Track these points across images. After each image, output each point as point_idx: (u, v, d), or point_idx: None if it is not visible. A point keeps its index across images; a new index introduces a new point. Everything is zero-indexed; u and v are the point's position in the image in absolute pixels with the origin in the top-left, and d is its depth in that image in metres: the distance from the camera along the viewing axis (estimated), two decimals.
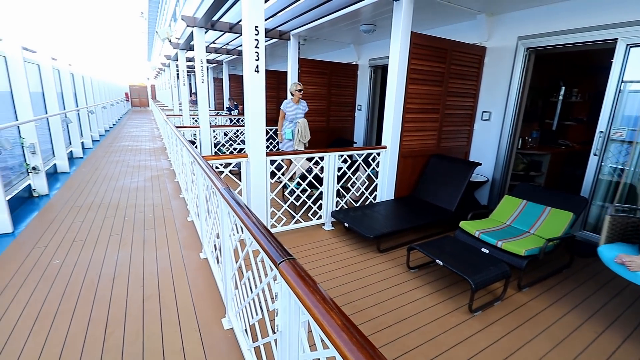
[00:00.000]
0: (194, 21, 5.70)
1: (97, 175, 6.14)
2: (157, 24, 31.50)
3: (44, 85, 6.38)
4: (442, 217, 3.68)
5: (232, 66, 12.58)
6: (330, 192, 3.76)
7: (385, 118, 3.91)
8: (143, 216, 4.11)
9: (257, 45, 2.92)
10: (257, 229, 1.39)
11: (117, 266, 2.93)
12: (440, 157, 4.28)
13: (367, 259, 3.16)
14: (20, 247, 3.26)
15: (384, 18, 4.64)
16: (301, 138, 5.24)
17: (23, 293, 2.52)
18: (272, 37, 6.04)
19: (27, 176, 4.88)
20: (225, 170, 3.35)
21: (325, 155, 3.64)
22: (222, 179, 2.18)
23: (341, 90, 6.89)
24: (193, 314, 2.32)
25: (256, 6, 2.82)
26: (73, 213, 4.17)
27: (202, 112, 6.18)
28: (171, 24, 23.93)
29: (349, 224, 3.39)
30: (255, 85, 2.97)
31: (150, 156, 8.13)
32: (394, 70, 3.68)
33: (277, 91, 8.76)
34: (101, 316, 2.28)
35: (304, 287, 1.00)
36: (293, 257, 1.16)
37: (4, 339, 2.05)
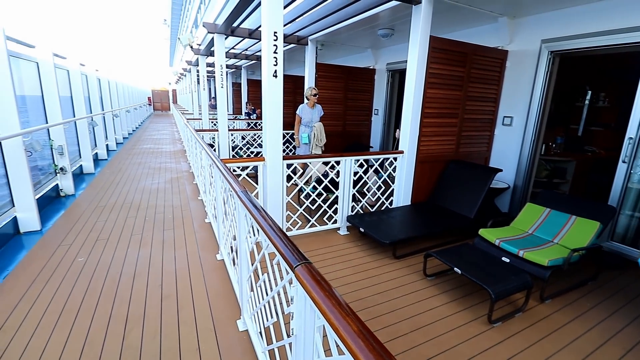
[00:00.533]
0: (215, 27, 5.85)
1: (120, 176, 6.36)
2: (179, 31, 32.52)
3: (73, 90, 6.68)
4: (461, 224, 3.59)
5: (250, 71, 12.80)
6: (346, 196, 3.74)
7: (403, 123, 3.87)
8: (163, 217, 4.22)
9: (276, 51, 2.96)
10: (274, 232, 1.40)
11: (137, 265, 3.01)
12: (459, 163, 4.20)
13: (383, 264, 3.12)
14: (47, 244, 3.40)
15: (403, 22, 4.62)
16: (317, 142, 5.27)
17: (48, 289, 2.62)
18: (290, 42, 6.11)
19: (55, 176, 5.11)
20: (243, 173, 3.40)
21: (341, 160, 3.64)
22: (240, 181, 2.21)
23: (358, 95, 6.89)
24: (209, 315, 2.35)
25: (275, 12, 2.86)
26: (97, 212, 4.33)
27: (221, 116, 6.30)
28: (192, 31, 24.66)
29: (365, 229, 3.36)
30: (273, 89, 3.01)
31: (170, 159, 8.36)
32: (412, 74, 3.65)
33: (293, 96, 8.85)
34: (121, 313, 2.34)
35: (320, 292, 1.00)
36: (309, 261, 1.16)
37: (30, 333, 2.14)
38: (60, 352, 1.98)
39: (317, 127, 5.26)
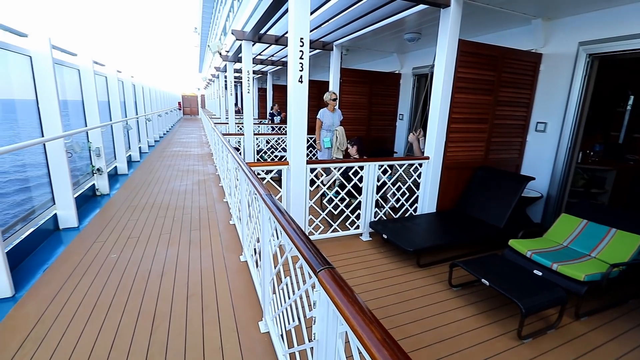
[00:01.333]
0: (243, 35, 6.02)
1: (151, 177, 6.64)
2: (208, 38, 33.70)
3: (110, 95, 7.08)
4: (489, 234, 3.46)
5: (275, 76, 13.04)
6: (369, 202, 3.71)
7: (429, 128, 3.80)
8: (190, 217, 4.36)
9: (302, 57, 3.00)
10: (298, 236, 1.41)
11: (165, 263, 3.12)
12: (488, 170, 4.05)
13: (406, 273, 3.06)
14: (83, 240, 3.61)
15: (430, 26, 4.55)
16: (339, 146, 5.26)
17: (84, 283, 2.77)
18: (315, 47, 6.18)
19: (92, 177, 5.42)
20: (267, 176, 3.46)
21: (364, 165, 3.62)
22: (264, 185, 2.25)
23: (382, 100, 6.83)
24: (232, 315, 2.39)
25: (302, 19, 2.91)
26: (129, 212, 4.54)
27: (247, 120, 6.45)
28: (221, 38, 25.47)
29: (388, 235, 3.31)
30: (298, 95, 3.05)
31: (198, 161, 8.64)
32: (440, 78, 3.58)
33: (318, 101, 8.91)
34: (150, 309, 2.43)
35: (343, 298, 0.99)
36: (332, 266, 1.16)
37: (66, 324, 2.26)
38: (92, 343, 2.09)
39: (339, 131, 5.27)
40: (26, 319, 2.30)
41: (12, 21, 9.59)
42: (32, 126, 3.93)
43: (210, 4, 29.79)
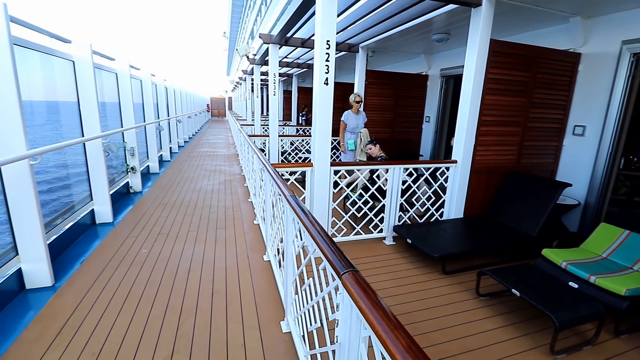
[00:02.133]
0: (270, 38, 6.13)
1: (180, 177, 6.90)
2: (236, 42, 34.58)
3: (144, 98, 7.42)
4: (520, 242, 3.30)
5: (300, 79, 13.17)
6: (393, 205, 3.65)
7: (457, 131, 3.69)
8: (216, 216, 4.48)
9: (328, 59, 3.01)
10: (321, 237, 1.41)
11: (192, 260, 3.23)
12: (520, 175, 3.88)
13: (431, 279, 2.98)
14: (117, 235, 3.80)
15: (460, 26, 4.43)
16: (363, 147, 5.22)
17: (117, 275, 2.92)
18: (341, 50, 6.18)
19: (126, 175, 5.70)
20: (291, 178, 3.49)
21: (389, 168, 3.57)
22: (288, 186, 2.27)
23: (408, 102, 6.72)
24: (255, 313, 2.43)
25: (329, 21, 2.92)
26: (160, 209, 4.74)
27: (272, 122, 6.55)
28: (249, 42, 26.00)
29: (412, 240, 3.24)
30: (323, 97, 3.06)
31: (224, 162, 8.88)
32: (469, 80, 3.47)
33: (342, 102, 8.90)
34: (177, 304, 2.52)
35: (367, 302, 0.98)
36: (356, 269, 1.15)
37: (99, 314, 2.39)
38: (123, 334, 2.19)
39: (363, 133, 5.23)
40: (64, 308, 2.45)
41: (57, 29, 10.34)
42: (71, 126, 4.20)
43: (239, 9, 30.60)
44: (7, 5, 2.45)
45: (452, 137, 3.91)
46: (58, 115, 4.66)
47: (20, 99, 2.51)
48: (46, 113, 4.97)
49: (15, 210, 2.62)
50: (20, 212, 2.62)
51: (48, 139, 5.16)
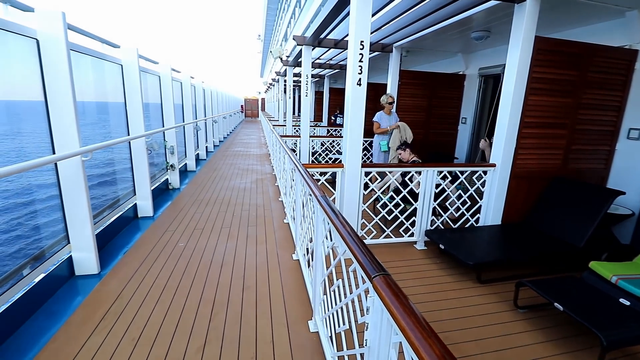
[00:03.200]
0: (303, 40, 6.19)
1: (215, 175, 7.17)
2: (270, 44, 35.31)
3: (184, 99, 7.79)
4: (565, 253, 3.08)
5: (332, 80, 13.19)
6: (426, 209, 3.55)
7: (497, 133, 3.52)
8: (248, 214, 4.61)
9: (361, 60, 2.99)
10: (352, 239, 1.40)
11: (225, 255, 3.34)
12: (566, 181, 3.62)
13: (464, 287, 2.86)
14: (157, 229, 4.02)
15: (501, 23, 4.22)
16: (408, 138, 5.06)
17: (155, 267, 3.08)
18: (374, 50, 6.12)
19: (166, 172, 6.01)
20: (322, 178, 3.50)
21: (422, 170, 3.47)
22: (319, 186, 2.28)
23: (443, 102, 6.51)
24: (283, 311, 2.46)
25: (363, 22, 2.90)
26: (196, 205, 4.95)
27: (304, 123, 6.62)
28: (282, 44, 26.45)
29: (445, 246, 3.13)
30: (356, 97, 3.04)
31: (256, 161, 9.10)
32: (511, 79, 3.30)
33: (374, 103, 8.80)
34: (210, 297, 2.62)
35: (399, 307, 0.96)
36: (388, 272, 1.14)
37: (139, 303, 2.53)
38: (161, 321, 2.31)
39: (402, 126, 5.09)
40: (108, 295, 2.63)
41: (107, 34, 11.08)
42: (118, 125, 4.49)
43: (274, 12, 31.24)
44: (65, 14, 2.67)
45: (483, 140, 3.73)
46: (107, 115, 5.01)
47: (74, 100, 2.73)
48: (96, 113, 5.38)
49: (68, 202, 2.85)
50: (72, 204, 2.85)
51: (99, 137, 5.57)
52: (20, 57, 2.73)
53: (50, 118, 2.70)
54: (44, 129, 2.77)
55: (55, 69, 2.65)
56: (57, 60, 2.64)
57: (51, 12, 2.60)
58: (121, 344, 2.10)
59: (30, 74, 2.70)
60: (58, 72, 2.65)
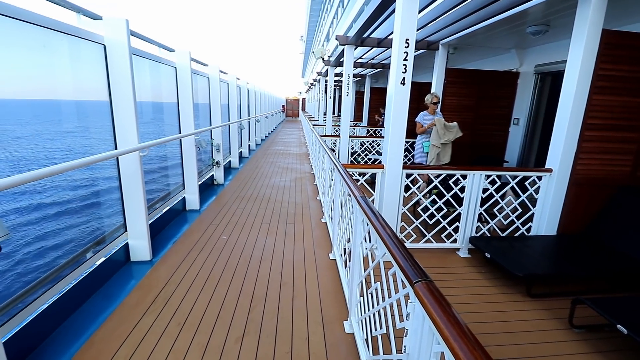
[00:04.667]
0: (346, 39, 6.18)
1: (256, 172, 7.41)
2: (312, 45, 35.66)
3: (230, 99, 8.15)
4: (634, 271, 2.75)
5: (374, 79, 13.01)
6: (471, 215, 3.37)
7: (554, 135, 3.24)
8: (287, 211, 4.70)
9: (406, 58, 2.92)
10: (393, 242, 1.37)
11: (264, 251, 3.44)
12: (636, 190, 3.23)
13: (512, 300, 2.67)
14: (202, 222, 4.24)
15: (562, 16, 3.88)
16: (457, 134, 4.80)
17: (200, 257, 3.26)
18: (419, 48, 5.93)
19: (212, 168, 6.33)
20: (361, 179, 3.47)
21: (468, 174, 3.30)
22: (358, 187, 2.26)
23: (493, 102, 6.13)
24: (319, 309, 2.48)
25: (409, 19, 2.82)
26: (238, 201, 5.16)
27: (344, 122, 6.61)
28: (324, 44, 26.59)
29: (491, 254, 2.94)
30: (399, 97, 2.98)
31: (296, 160, 9.26)
32: (573, 77, 3.02)
33: (417, 103, 8.52)
34: (249, 290, 2.71)
35: (443, 315, 0.92)
36: (430, 279, 1.09)
37: (185, 290, 2.69)
38: (204, 310, 2.43)
39: (450, 125, 4.85)
40: (158, 280, 2.83)
41: (163, 39, 11.95)
42: (168, 124, 4.81)
43: (316, 13, 31.52)
44: (128, 21, 2.91)
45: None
46: (162, 114, 5.39)
47: (135, 100, 2.97)
48: (152, 112, 5.82)
49: (126, 193, 3.11)
50: (130, 195, 3.11)
51: (155, 134, 6.01)
52: (89, 61, 3.03)
53: (113, 117, 2.96)
54: (108, 127, 3.05)
55: (119, 72, 2.90)
56: (121, 64, 2.89)
57: (116, 19, 2.85)
58: (168, 327, 2.24)
59: (97, 76, 2.98)
60: (121, 75, 2.90)
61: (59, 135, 18.58)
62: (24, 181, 1.64)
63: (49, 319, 2.18)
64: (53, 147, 16.90)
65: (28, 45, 2.48)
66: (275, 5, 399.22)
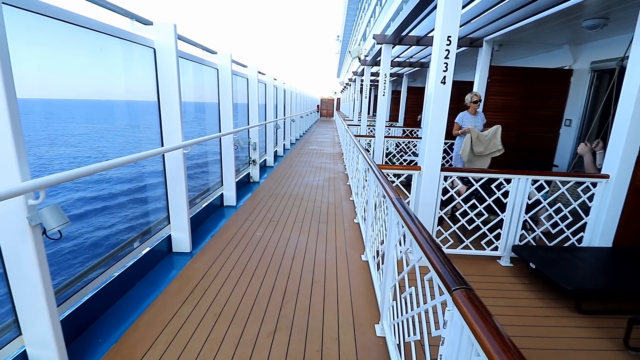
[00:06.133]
0: (383, 38, 6.08)
1: (290, 171, 7.54)
2: (348, 45, 35.53)
3: (267, 99, 8.35)
4: None
5: (411, 79, 12.69)
6: (514, 222, 3.17)
7: (612, 138, 2.96)
8: (319, 211, 4.73)
9: (447, 56, 2.81)
10: (430, 246, 1.33)
11: (296, 248, 3.49)
12: None
13: (559, 316, 2.48)
14: (238, 218, 4.39)
15: (623, 8, 3.52)
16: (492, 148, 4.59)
17: (236, 252, 3.38)
18: (462, 45, 5.68)
19: (248, 166, 6.53)
20: (396, 180, 3.40)
21: (512, 178, 3.11)
22: (394, 188, 2.21)
23: (541, 101, 5.71)
24: (350, 310, 2.47)
25: (452, 15, 2.71)
26: (272, 199, 5.27)
27: (379, 122, 6.51)
28: (360, 43, 26.43)
29: (537, 265, 2.75)
30: (439, 97, 2.88)
31: (329, 160, 9.28)
32: (636, 74, 2.73)
33: (457, 103, 8.18)
34: (281, 286, 2.76)
35: (484, 326, 0.88)
36: (470, 287, 1.05)
37: (221, 282, 2.80)
38: (238, 302, 2.52)
39: (493, 130, 4.61)
40: (197, 272, 2.97)
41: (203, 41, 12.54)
42: (210, 123, 5.02)
43: (353, 12, 31.36)
44: (176, 26, 3.08)
45: (583, 143, 3.15)
46: (204, 113, 5.64)
47: (180, 101, 3.14)
48: (194, 112, 6.12)
49: (170, 188, 3.30)
50: (174, 190, 3.29)
51: (197, 133, 6.32)
52: (140, 64, 3.24)
53: (161, 116, 3.15)
54: (155, 125, 3.25)
55: (167, 74, 3.08)
56: (169, 66, 3.07)
57: (166, 24, 3.03)
58: (205, 317, 2.35)
59: (146, 78, 3.18)
60: (169, 76, 3.08)
61: (111, 132, 20.14)
62: (81, 174, 1.80)
63: (100, 301, 2.38)
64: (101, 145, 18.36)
65: (89, 49, 2.72)
66: (312, 6, 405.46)
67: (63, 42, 2.47)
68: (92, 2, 2.32)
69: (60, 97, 6.02)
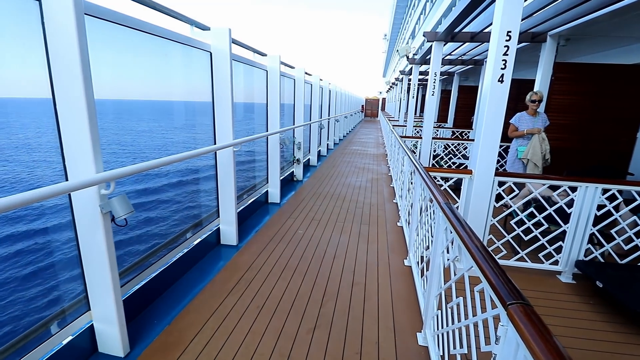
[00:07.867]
0: (435, 35, 5.84)
1: (333, 171, 7.56)
2: (396, 44, 34.71)
3: (312, 99, 8.46)
4: None
5: (463, 77, 12.05)
6: (579, 234, 2.87)
7: None
8: (361, 212, 4.69)
9: (506, 52, 2.62)
10: (482, 256, 1.25)
11: (337, 248, 3.49)
12: None
13: (630, 342, 2.20)
14: (281, 215, 4.51)
15: None
16: (537, 161, 4.27)
17: (278, 248, 3.47)
18: (522, 41, 5.28)
19: (292, 165, 6.67)
20: (445, 184, 3.25)
21: (579, 186, 2.82)
22: (442, 192, 2.12)
23: (615, 102, 5.10)
24: (390, 315, 2.41)
25: (513, 8, 2.52)
26: (314, 198, 5.33)
27: (427, 123, 6.28)
28: (409, 42, 25.73)
29: (605, 284, 2.46)
30: (496, 96, 2.70)
31: (373, 160, 9.16)
32: None
33: (515, 103, 7.59)
34: (321, 285, 2.78)
35: (543, 345, 0.81)
36: (528, 302, 0.97)
37: (265, 276, 2.90)
38: (280, 297, 2.59)
39: (542, 137, 4.26)
40: (242, 264, 3.10)
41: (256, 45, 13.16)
42: (258, 123, 5.20)
43: (402, 9, 30.55)
44: (230, 31, 3.24)
45: None
46: (252, 113, 5.88)
47: (232, 101, 3.30)
48: (243, 112, 6.40)
49: (221, 184, 3.48)
50: (224, 186, 3.47)
51: (247, 132, 6.60)
52: (196, 67, 3.46)
53: (215, 116, 3.34)
54: (206, 125, 3.45)
55: (221, 76, 3.25)
56: (223, 68, 3.24)
57: (221, 29, 3.20)
58: (249, 307, 2.45)
59: (202, 80, 3.39)
60: (223, 78, 3.25)
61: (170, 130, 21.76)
62: (147, 168, 1.97)
63: (157, 285, 2.58)
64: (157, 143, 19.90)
65: (155, 54, 2.96)
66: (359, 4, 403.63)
67: (133, 48, 2.72)
68: (159, 10, 2.53)
69: (129, 98, 6.64)
